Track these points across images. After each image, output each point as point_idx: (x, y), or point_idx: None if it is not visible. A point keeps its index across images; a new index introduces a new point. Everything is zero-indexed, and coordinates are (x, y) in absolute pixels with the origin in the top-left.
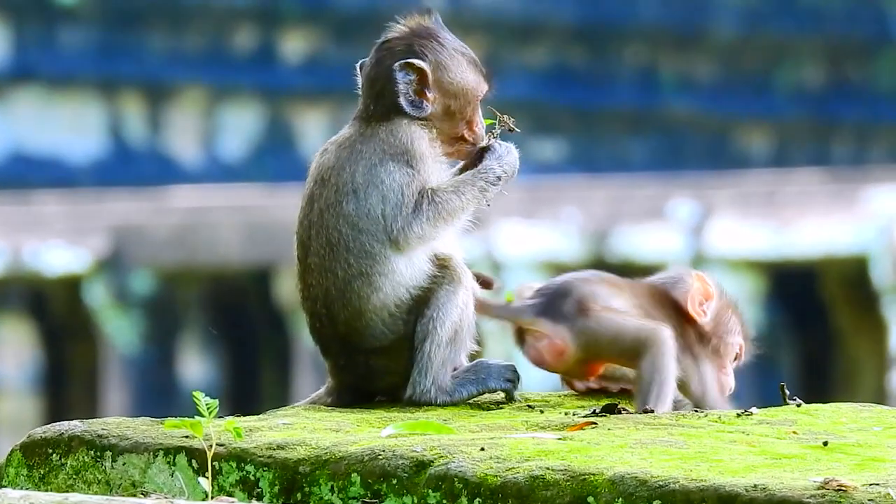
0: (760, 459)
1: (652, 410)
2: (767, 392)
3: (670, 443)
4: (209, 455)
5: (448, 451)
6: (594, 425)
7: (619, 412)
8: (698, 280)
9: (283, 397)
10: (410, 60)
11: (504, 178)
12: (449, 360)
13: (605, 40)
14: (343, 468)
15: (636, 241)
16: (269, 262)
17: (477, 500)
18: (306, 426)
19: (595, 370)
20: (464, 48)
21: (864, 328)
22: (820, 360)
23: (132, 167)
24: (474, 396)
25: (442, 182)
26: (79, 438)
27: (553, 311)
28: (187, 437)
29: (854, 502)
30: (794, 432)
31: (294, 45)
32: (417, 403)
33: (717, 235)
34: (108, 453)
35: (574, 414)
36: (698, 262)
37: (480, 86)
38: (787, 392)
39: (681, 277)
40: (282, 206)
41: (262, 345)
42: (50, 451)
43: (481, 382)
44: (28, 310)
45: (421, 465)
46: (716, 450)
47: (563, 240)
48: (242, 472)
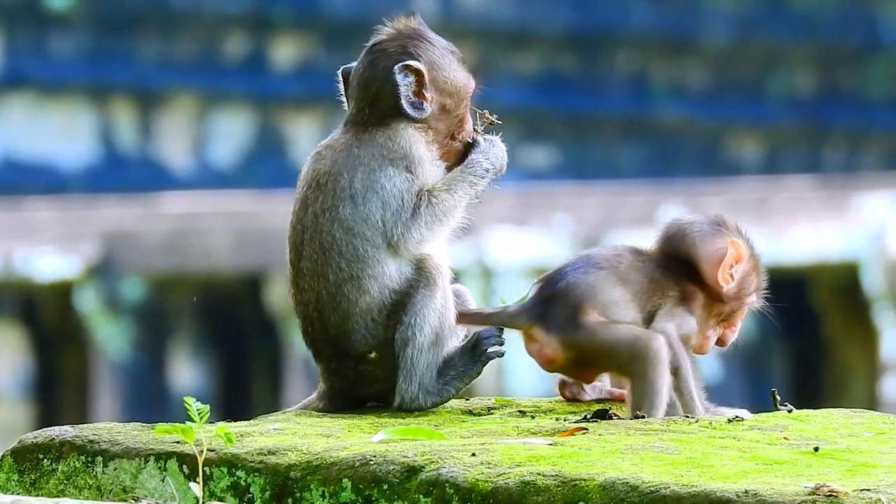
0: (751, 465)
1: (643, 416)
2: (759, 398)
3: (661, 448)
4: (200, 460)
5: (439, 456)
6: (585, 431)
7: (611, 418)
8: (732, 246)
9: (274, 403)
10: (408, 62)
11: (492, 171)
12: (433, 364)
13: (597, 47)
14: (334, 474)
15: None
16: (260, 268)
17: None
18: (297, 431)
19: (590, 377)
20: (451, 46)
21: (855, 335)
22: (811, 366)
23: (123, 173)
24: (462, 389)
25: (436, 182)
26: (70, 444)
27: (547, 318)
28: (178, 442)
29: None
30: (786, 438)
31: (285, 52)
32: (407, 410)
33: None
34: (99, 458)
35: (565, 419)
36: None
37: (470, 82)
38: (779, 398)
39: (707, 231)
40: (273, 212)
41: (254, 351)
42: (41, 456)
43: (465, 374)
44: (19, 316)
45: (412, 471)
46: (707, 455)
47: (555, 246)
48: (233, 477)
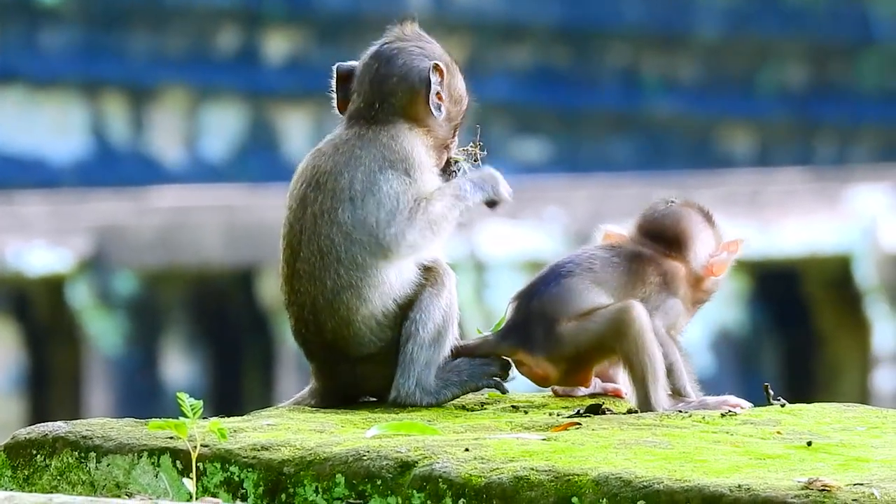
0: (744, 459)
1: (636, 411)
2: (751, 391)
3: (654, 443)
4: (193, 456)
5: (432, 451)
6: (578, 426)
7: (604, 413)
8: (738, 248)
9: (266, 398)
10: (438, 63)
11: (482, 193)
12: (433, 362)
13: (589, 41)
14: (328, 469)
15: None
16: (252, 262)
17: (461, 501)
18: (291, 427)
19: (586, 378)
20: (452, 55)
21: (847, 328)
22: (803, 359)
23: (115, 168)
24: (458, 396)
25: (431, 191)
26: (63, 440)
27: (528, 341)
28: (171, 438)
29: (838, 502)
30: (779, 432)
31: (277, 46)
32: (402, 405)
33: None
34: (93, 454)
35: (558, 415)
36: None
37: (466, 99)
38: (772, 392)
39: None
40: (265, 206)
41: (246, 346)
42: (34, 452)
43: (465, 383)
44: (10, 311)
45: (405, 466)
46: (700, 450)
47: (547, 240)
48: (227, 472)
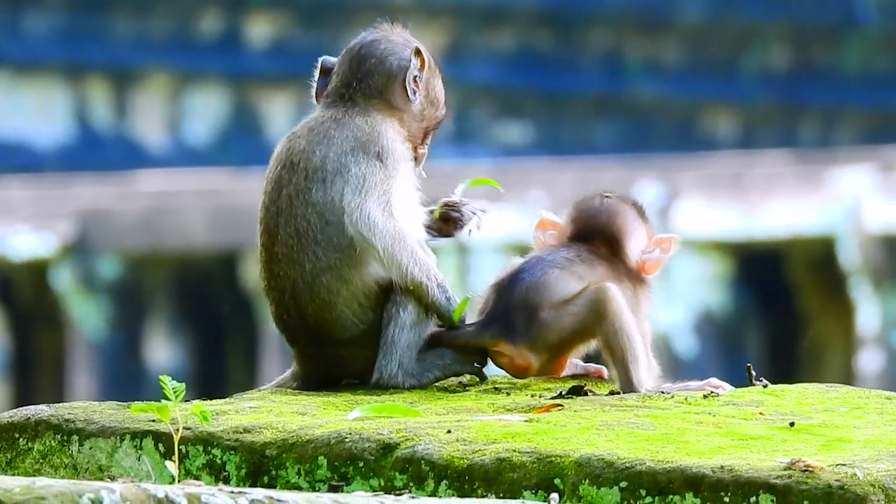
0: (727, 440)
1: (618, 392)
2: (734, 373)
3: (636, 424)
4: (176, 439)
5: (414, 433)
6: (560, 407)
7: (586, 394)
8: (671, 246)
9: (249, 381)
10: (420, 47)
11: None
12: (414, 344)
13: (571, 24)
14: (310, 451)
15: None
16: (235, 246)
17: (444, 483)
18: (273, 410)
19: (561, 366)
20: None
21: (830, 310)
22: (786, 341)
23: (98, 152)
24: (441, 379)
25: (410, 193)
26: (45, 423)
27: (509, 330)
28: (154, 421)
29: (821, 483)
30: (761, 413)
31: (260, 30)
32: (384, 387)
33: (683, 217)
34: (75, 437)
35: (540, 396)
36: None
37: (444, 109)
38: (754, 373)
39: (624, 217)
40: (249, 190)
41: (229, 329)
42: (17, 435)
43: (448, 367)
44: None
45: (387, 448)
46: (682, 431)
47: (530, 223)
48: (209, 455)
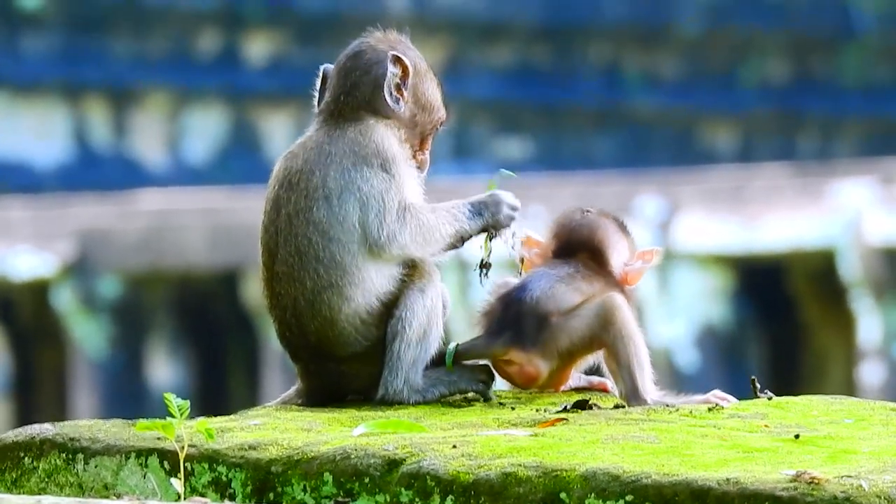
0: (732, 453)
1: (623, 406)
2: (736, 385)
3: (642, 438)
4: (181, 456)
5: (420, 449)
6: (565, 421)
7: (591, 408)
8: (653, 258)
9: (252, 398)
10: (399, 55)
11: (483, 219)
12: (419, 360)
13: (570, 38)
14: (315, 468)
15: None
16: (236, 264)
17: (449, 498)
18: (278, 426)
19: (566, 377)
20: (434, 71)
21: (831, 322)
22: (788, 354)
23: (97, 171)
24: (446, 396)
25: (418, 197)
26: (50, 441)
27: (520, 337)
28: (159, 438)
29: (826, 495)
30: (766, 426)
31: (258, 48)
32: (389, 403)
33: (684, 231)
34: (80, 456)
35: (545, 410)
36: (665, 258)
37: (442, 111)
38: (759, 385)
39: (605, 231)
40: (249, 208)
41: (231, 347)
42: (21, 454)
43: (453, 383)
44: None
45: (393, 464)
46: (687, 444)
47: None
48: (215, 472)
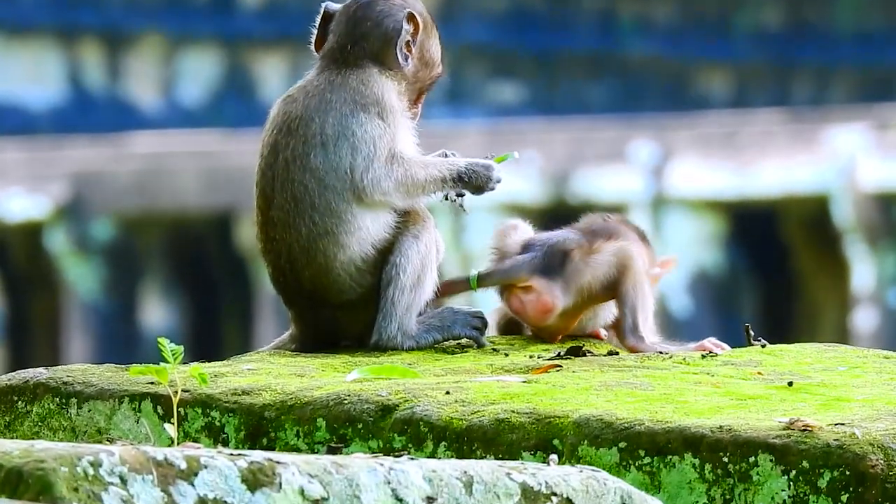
0: (726, 400)
1: (617, 353)
2: (730, 334)
3: (635, 385)
4: (174, 401)
5: (413, 395)
6: (559, 368)
7: (584, 355)
8: (671, 265)
9: (245, 343)
10: (414, 13)
11: (464, 180)
12: (413, 305)
13: None
14: (308, 413)
15: (597, 183)
16: (229, 207)
17: (442, 444)
18: (271, 372)
19: (571, 324)
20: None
21: (825, 268)
22: (781, 300)
23: (91, 114)
24: (440, 342)
25: (411, 148)
26: (44, 386)
27: (546, 268)
28: (152, 383)
29: (819, 442)
30: (759, 373)
31: None
32: (383, 349)
33: (677, 177)
34: (74, 400)
35: (539, 357)
36: (659, 204)
37: (440, 67)
38: (752, 333)
39: (625, 238)
40: (241, 151)
41: (224, 291)
42: (15, 398)
43: (447, 329)
44: None
45: (386, 410)
46: (681, 391)
47: (524, 182)
48: (208, 417)
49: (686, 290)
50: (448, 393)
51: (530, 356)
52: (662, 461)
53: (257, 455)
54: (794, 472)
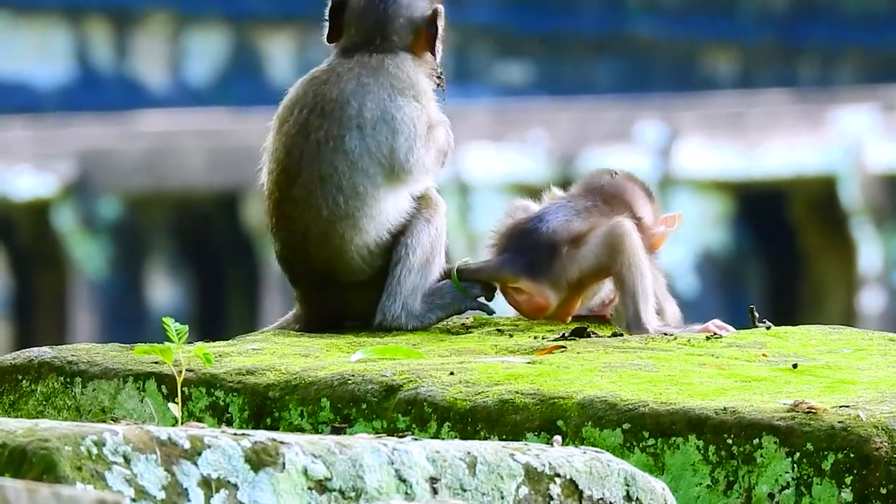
0: (730, 382)
1: (621, 334)
2: (736, 315)
3: (640, 366)
4: (179, 381)
5: (417, 375)
6: (563, 349)
7: (589, 336)
8: (676, 223)
9: (250, 322)
10: (441, 7)
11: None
12: (419, 287)
13: None
14: (312, 393)
15: (603, 163)
16: (236, 186)
17: (446, 425)
18: (276, 351)
19: (571, 310)
20: None
21: (831, 249)
22: (788, 281)
23: (99, 92)
24: (444, 319)
25: (438, 122)
26: (49, 365)
27: (532, 267)
28: (157, 362)
29: (824, 424)
30: (764, 355)
31: None
32: (387, 329)
33: (684, 157)
34: (78, 379)
35: (543, 338)
36: (666, 184)
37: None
38: (757, 315)
39: (632, 194)
40: (249, 130)
41: (230, 270)
42: (20, 377)
43: (449, 305)
44: None
45: (390, 390)
46: (685, 373)
47: (531, 162)
48: (212, 397)
49: (692, 270)
50: (452, 373)
51: (535, 337)
52: (666, 443)
53: (261, 435)
54: (798, 454)
